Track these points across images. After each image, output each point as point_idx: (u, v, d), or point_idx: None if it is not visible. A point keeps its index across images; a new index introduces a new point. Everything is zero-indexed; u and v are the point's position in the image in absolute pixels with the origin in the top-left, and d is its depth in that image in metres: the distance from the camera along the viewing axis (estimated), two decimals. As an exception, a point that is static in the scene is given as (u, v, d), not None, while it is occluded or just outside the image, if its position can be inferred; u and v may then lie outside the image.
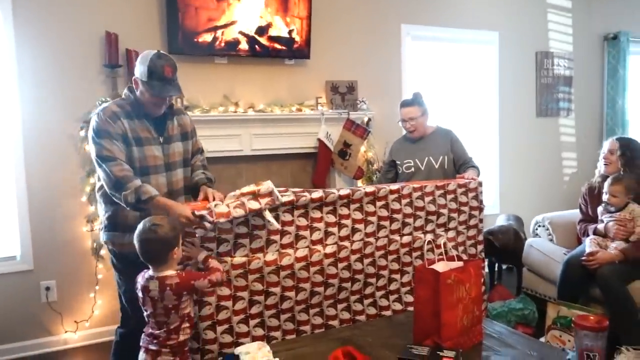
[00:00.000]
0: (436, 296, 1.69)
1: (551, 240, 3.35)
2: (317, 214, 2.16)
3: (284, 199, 2.05)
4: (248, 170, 3.51)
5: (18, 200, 2.93)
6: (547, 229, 3.38)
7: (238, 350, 1.77)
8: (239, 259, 2.00)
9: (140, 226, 1.74)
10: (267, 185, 2.01)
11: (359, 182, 3.68)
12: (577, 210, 3.19)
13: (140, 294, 1.76)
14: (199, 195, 2.20)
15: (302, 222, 2.13)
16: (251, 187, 2.02)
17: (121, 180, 1.92)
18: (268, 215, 2.00)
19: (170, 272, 1.73)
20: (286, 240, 2.08)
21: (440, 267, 1.75)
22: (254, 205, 1.96)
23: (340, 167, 3.64)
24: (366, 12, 3.82)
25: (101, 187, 2.07)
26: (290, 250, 2.09)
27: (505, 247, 3.39)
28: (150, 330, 1.75)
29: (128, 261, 2.05)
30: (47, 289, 2.99)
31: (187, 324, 1.76)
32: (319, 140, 3.54)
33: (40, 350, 2.98)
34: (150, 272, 1.74)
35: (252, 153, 3.42)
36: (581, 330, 1.75)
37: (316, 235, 2.14)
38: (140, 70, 2.00)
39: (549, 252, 3.20)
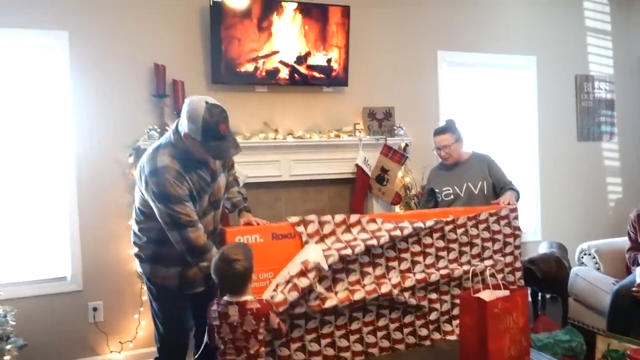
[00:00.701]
0: (482, 325, 1.66)
1: (598, 269, 3.24)
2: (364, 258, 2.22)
3: (331, 260, 2.08)
4: (286, 195, 3.57)
5: (70, 222, 3.07)
6: (594, 257, 3.27)
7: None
8: None
9: (217, 261, 1.78)
10: (313, 258, 2.03)
11: (397, 208, 3.67)
12: (625, 238, 3.08)
13: (215, 322, 1.78)
14: (241, 220, 2.27)
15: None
16: (298, 266, 2.05)
17: (202, 249, 1.93)
18: (319, 288, 2.04)
19: (249, 298, 1.78)
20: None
21: (486, 295, 1.72)
22: (304, 282, 2.00)
23: (377, 192, 3.66)
24: (402, 39, 3.88)
25: (144, 220, 2.06)
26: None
27: (547, 275, 3.29)
28: (228, 358, 1.77)
29: (169, 293, 2.10)
30: (95, 309, 3.10)
31: (264, 349, 1.80)
32: (357, 165, 3.57)
33: (86, 370, 3.06)
34: (227, 298, 1.79)
35: (291, 178, 3.49)
36: (637, 365, 1.67)
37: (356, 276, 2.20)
38: (191, 128, 1.89)
39: (596, 282, 3.09)
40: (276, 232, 2.21)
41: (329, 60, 3.52)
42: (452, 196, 2.89)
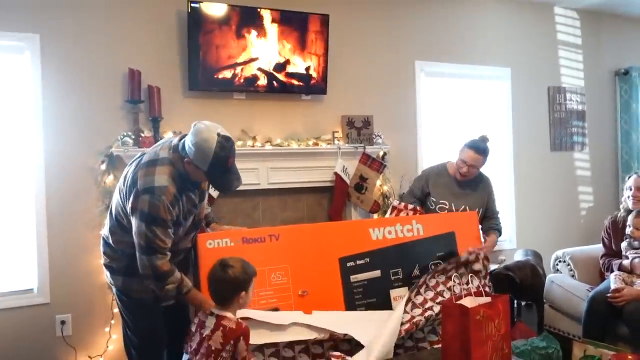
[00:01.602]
0: (464, 332, 1.65)
1: (573, 276, 3.29)
2: None
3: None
4: (265, 204, 3.52)
5: (37, 231, 2.95)
6: (569, 265, 3.32)
7: None
8: None
9: (215, 264, 1.77)
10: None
11: (375, 216, 3.66)
12: (598, 245, 3.14)
13: (192, 328, 1.77)
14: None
15: None
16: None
17: (165, 275, 1.87)
18: None
19: (229, 315, 1.73)
20: None
21: (468, 302, 1.72)
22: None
23: (356, 200, 3.64)
24: (381, 49, 3.91)
25: (121, 233, 1.98)
26: None
27: (522, 282, 3.32)
28: None
29: (144, 306, 2.03)
30: (63, 322, 2.97)
31: None
32: (336, 174, 3.55)
33: (53, 387, 2.93)
34: (213, 309, 1.76)
35: (269, 187, 3.44)
36: (619, 370, 1.69)
37: None
38: (198, 159, 1.84)
39: (572, 289, 3.14)
40: (247, 236, 2.25)
41: (307, 68, 3.51)
42: (445, 210, 2.87)
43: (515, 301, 3.71)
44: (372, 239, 2.48)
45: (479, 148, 2.83)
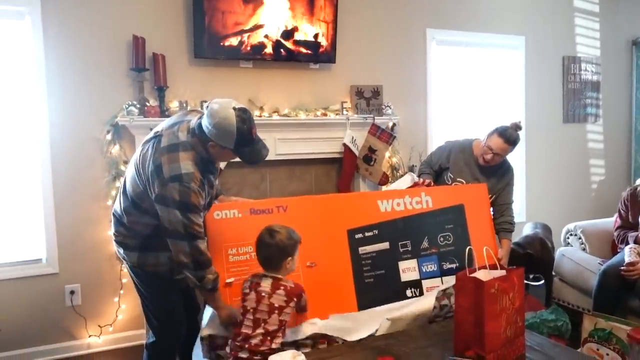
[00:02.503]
0: (478, 306, 1.62)
1: (584, 249, 3.25)
2: None
3: None
4: (272, 175, 3.48)
5: (44, 203, 2.93)
6: (580, 238, 3.28)
7: (271, 358, 1.72)
8: None
9: (262, 230, 1.86)
10: None
11: (384, 188, 3.62)
12: (610, 219, 3.09)
13: (245, 290, 1.82)
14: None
15: None
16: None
17: (206, 262, 1.85)
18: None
19: (284, 277, 1.81)
20: None
21: (482, 275, 1.68)
22: None
23: (365, 172, 3.59)
24: (391, 16, 3.78)
25: (139, 214, 1.93)
26: None
27: (532, 257, 3.30)
28: (243, 331, 1.77)
29: (159, 279, 2.01)
30: (72, 292, 2.98)
31: (281, 334, 1.78)
32: (344, 145, 3.49)
33: (64, 355, 2.96)
34: (263, 272, 1.83)
35: (277, 157, 3.39)
36: (637, 344, 1.66)
37: None
38: (222, 138, 1.81)
39: (583, 262, 3.10)
40: (255, 207, 2.23)
41: (316, 36, 3.41)
42: None
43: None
44: (381, 211, 2.44)
45: (510, 138, 2.65)
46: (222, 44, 3.17)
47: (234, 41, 3.20)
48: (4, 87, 2.89)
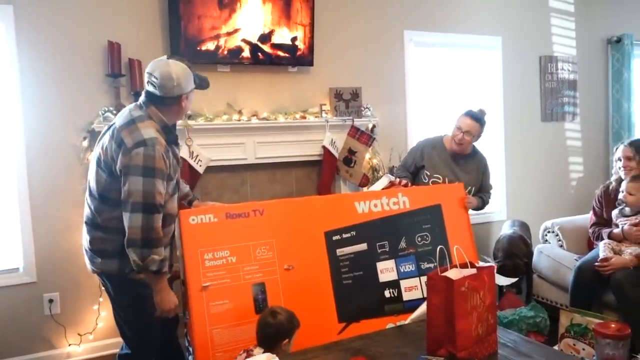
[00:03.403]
0: (449, 304, 1.64)
1: (561, 246, 3.30)
2: None
3: None
4: (253, 179, 3.48)
5: (21, 211, 2.89)
6: (557, 235, 3.33)
7: None
8: None
9: (265, 310, 1.93)
10: None
11: (364, 189, 3.63)
12: (587, 216, 3.14)
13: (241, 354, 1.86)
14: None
15: None
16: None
17: (155, 241, 1.82)
18: None
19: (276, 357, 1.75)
20: None
21: (453, 274, 1.70)
22: None
23: (345, 174, 3.61)
24: (369, 18, 3.81)
25: (108, 208, 1.91)
26: None
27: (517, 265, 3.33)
28: None
29: (142, 289, 1.96)
30: (50, 301, 2.95)
31: None
32: (324, 147, 3.50)
33: (44, 364, 2.93)
34: (257, 350, 1.84)
35: (257, 161, 3.39)
36: (602, 339, 1.69)
37: None
38: (185, 84, 1.95)
39: (560, 258, 3.15)
40: (230, 211, 2.23)
41: (293, 39, 3.42)
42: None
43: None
44: (358, 212, 2.46)
45: (475, 115, 2.84)
46: (198, 48, 3.17)
47: (210, 45, 3.19)
48: (-23, 95, 2.86)
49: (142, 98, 1.99)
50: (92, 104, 3.00)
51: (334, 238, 2.38)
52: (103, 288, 2.93)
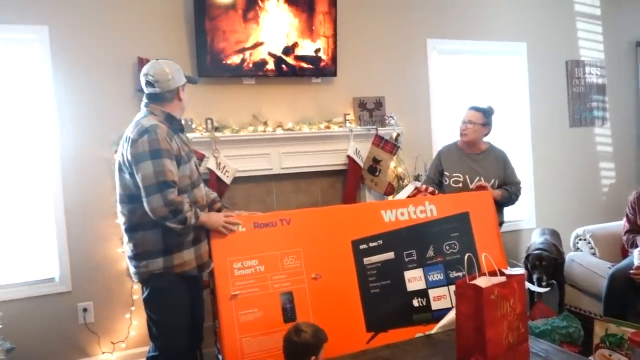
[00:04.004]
0: (479, 312, 1.62)
1: (594, 254, 3.22)
2: None
3: None
4: (278, 188, 3.52)
5: (56, 223, 3.00)
6: (589, 242, 3.25)
7: None
8: None
9: (290, 328, 1.88)
10: None
11: (390, 198, 3.63)
12: (620, 222, 3.06)
13: None
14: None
15: None
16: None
17: (180, 206, 1.95)
18: None
19: None
20: None
21: (482, 282, 1.69)
22: None
23: (370, 183, 3.61)
24: (391, 27, 3.83)
25: (135, 211, 2.00)
26: None
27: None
28: None
29: (185, 281, 2.07)
30: (85, 310, 3.03)
31: None
32: (348, 157, 3.52)
33: (78, 372, 3.00)
34: None
35: (282, 171, 3.43)
36: (639, 348, 1.64)
37: None
38: (178, 77, 2.10)
39: (592, 267, 3.07)
40: (258, 221, 2.26)
41: (316, 51, 3.46)
42: (460, 184, 2.85)
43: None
44: (385, 221, 2.45)
45: (476, 106, 2.93)
46: (224, 62, 3.24)
47: (236, 59, 3.27)
48: (16, 111, 2.99)
49: (143, 101, 2.15)
50: (123, 119, 3.03)
51: (361, 247, 2.38)
52: (135, 297, 3.03)
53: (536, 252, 3.10)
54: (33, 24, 2.95)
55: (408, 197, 2.67)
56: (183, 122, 2.23)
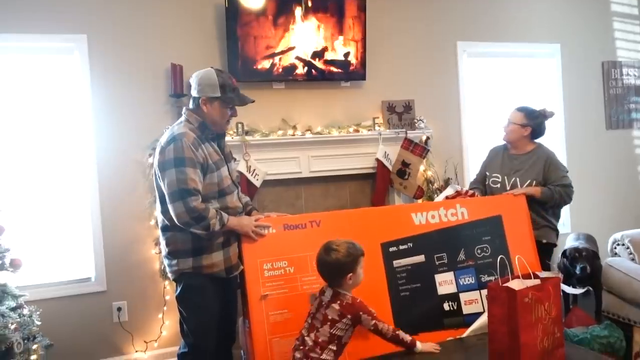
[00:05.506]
0: (512, 316, 1.59)
1: (633, 259, 3.10)
2: None
3: None
4: (307, 192, 3.54)
5: (93, 224, 3.10)
6: (628, 248, 3.13)
7: None
8: None
9: (321, 248, 1.86)
10: None
11: (419, 202, 3.60)
12: (661, 227, 2.94)
13: (316, 294, 1.88)
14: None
15: None
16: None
17: (203, 213, 1.97)
18: None
19: (345, 292, 1.81)
20: None
21: (516, 284, 1.65)
22: None
23: (399, 186, 3.59)
24: (420, 31, 3.81)
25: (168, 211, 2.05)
26: None
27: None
28: (302, 331, 1.84)
29: (216, 282, 2.10)
30: (119, 309, 3.11)
31: (334, 347, 1.77)
32: (377, 160, 3.51)
33: (112, 370, 3.08)
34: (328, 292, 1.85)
35: (311, 175, 3.45)
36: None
37: None
38: (209, 88, 2.08)
39: (632, 272, 2.96)
40: (288, 223, 2.28)
41: (346, 55, 3.48)
42: (498, 184, 2.80)
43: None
44: (415, 223, 2.43)
45: (521, 106, 2.86)
46: (255, 67, 3.29)
47: (266, 64, 3.31)
48: (55, 116, 3.11)
49: (185, 110, 2.19)
50: (157, 123, 3.17)
51: (391, 249, 2.37)
52: (167, 297, 3.08)
53: (572, 246, 3.02)
54: (73, 32, 3.07)
55: (447, 198, 2.64)
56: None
